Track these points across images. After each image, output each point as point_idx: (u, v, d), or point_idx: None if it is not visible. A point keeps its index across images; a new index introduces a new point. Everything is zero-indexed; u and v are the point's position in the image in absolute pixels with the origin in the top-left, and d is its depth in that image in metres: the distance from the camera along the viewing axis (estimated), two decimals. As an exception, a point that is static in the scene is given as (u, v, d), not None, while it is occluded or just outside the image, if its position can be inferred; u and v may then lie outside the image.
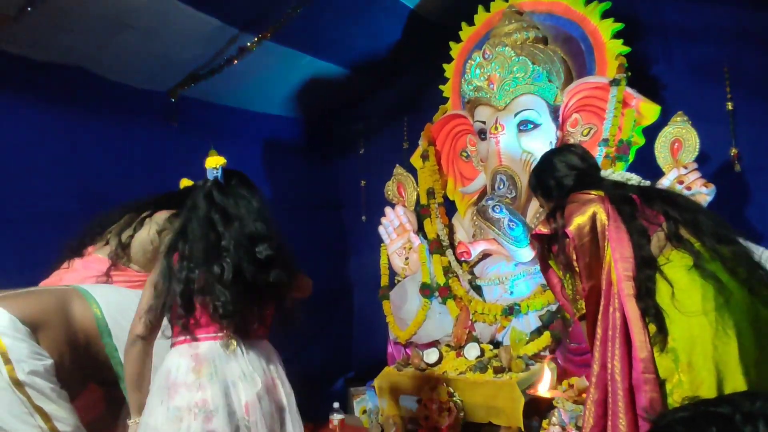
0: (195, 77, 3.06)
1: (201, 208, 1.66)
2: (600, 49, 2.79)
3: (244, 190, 1.71)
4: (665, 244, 1.60)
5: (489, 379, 2.40)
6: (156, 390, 1.57)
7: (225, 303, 1.56)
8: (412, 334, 2.97)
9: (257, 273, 1.60)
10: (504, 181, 2.78)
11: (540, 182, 1.90)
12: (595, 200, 1.65)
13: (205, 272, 1.59)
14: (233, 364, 1.57)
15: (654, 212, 1.64)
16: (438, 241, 3.09)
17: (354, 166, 4.00)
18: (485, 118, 2.88)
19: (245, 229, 1.63)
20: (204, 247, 1.61)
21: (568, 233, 1.61)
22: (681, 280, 1.52)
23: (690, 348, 1.45)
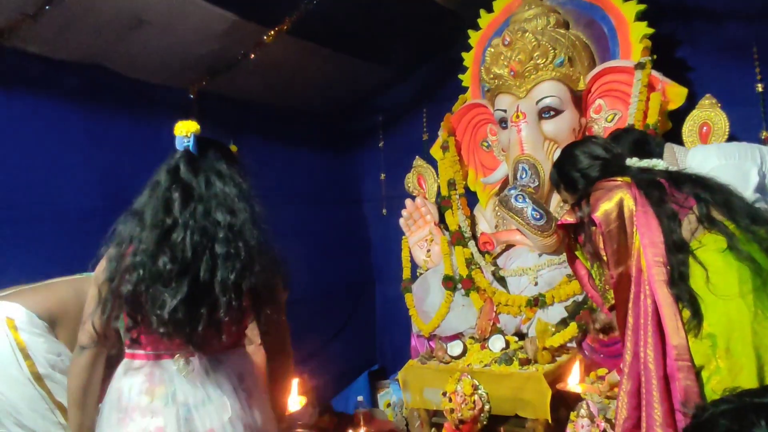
0: (213, 72, 3.06)
1: (161, 185, 1.37)
2: (623, 31, 2.72)
3: (221, 164, 1.40)
4: (697, 228, 1.54)
5: (515, 371, 2.36)
6: (106, 414, 1.36)
7: (161, 315, 1.27)
8: (436, 326, 2.94)
9: (211, 270, 1.30)
10: (526, 170, 2.73)
11: (563, 176, 1.85)
12: (622, 186, 1.61)
13: (151, 269, 1.29)
14: (196, 384, 1.34)
15: (684, 195, 1.59)
16: (460, 232, 3.05)
17: (374, 159, 3.97)
18: (506, 107, 2.83)
19: (208, 216, 1.33)
20: (156, 235, 1.31)
21: (594, 219, 1.56)
22: (715, 263, 1.46)
23: (728, 333, 1.40)
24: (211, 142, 1.46)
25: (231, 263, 1.31)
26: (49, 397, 1.60)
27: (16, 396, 1.55)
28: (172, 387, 1.33)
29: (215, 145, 1.46)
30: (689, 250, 1.50)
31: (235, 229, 1.34)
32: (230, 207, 1.36)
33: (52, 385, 1.59)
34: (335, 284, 3.66)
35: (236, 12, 2.68)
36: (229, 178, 1.40)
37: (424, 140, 3.62)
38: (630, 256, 1.55)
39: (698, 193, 1.58)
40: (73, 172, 2.55)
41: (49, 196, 2.44)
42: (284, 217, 3.47)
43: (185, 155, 1.39)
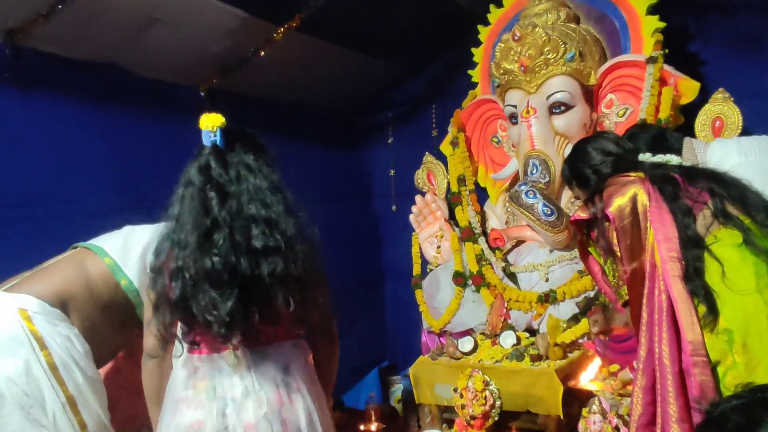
0: (224, 70, 3.08)
1: (195, 185, 1.35)
2: (635, 25, 2.70)
3: (249, 157, 1.39)
4: (712, 222, 1.53)
5: (526, 367, 2.36)
6: (167, 403, 1.42)
7: (218, 317, 1.28)
8: (446, 322, 2.95)
9: (255, 266, 1.30)
10: (537, 165, 2.72)
11: (575, 172, 1.85)
12: (635, 181, 1.59)
13: (197, 272, 1.29)
14: (236, 379, 1.36)
15: (698, 190, 1.57)
16: (470, 228, 3.05)
17: (383, 155, 3.97)
18: (516, 102, 2.82)
19: (243, 211, 1.32)
20: (197, 237, 1.30)
21: (608, 215, 1.55)
22: (731, 258, 1.45)
23: (744, 328, 1.39)
24: (237, 133, 1.44)
25: (273, 257, 1.31)
26: (62, 389, 1.60)
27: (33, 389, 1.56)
28: (213, 381, 1.35)
29: (242, 137, 1.44)
30: (704, 245, 1.49)
31: (271, 222, 1.33)
32: (263, 200, 1.35)
33: (65, 376, 1.60)
34: (345, 280, 3.67)
35: (247, 9, 2.69)
36: (258, 170, 1.38)
37: (434, 136, 3.61)
38: (644, 251, 1.54)
39: (712, 188, 1.56)
40: (88, 170, 2.57)
41: (64, 193, 2.47)
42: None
43: (214, 151, 1.37)
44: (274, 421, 1.35)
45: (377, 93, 3.94)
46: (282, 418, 1.36)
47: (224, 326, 1.29)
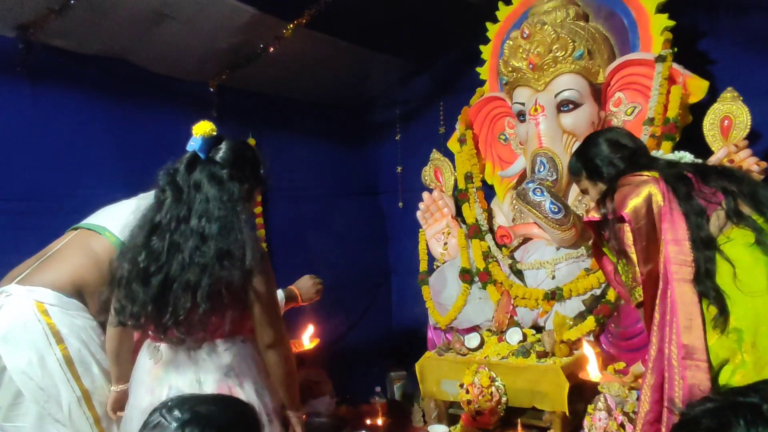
0: (233, 66, 3.09)
1: (159, 185, 1.49)
2: (644, 24, 2.69)
3: (218, 169, 1.47)
4: (726, 223, 1.53)
5: (532, 363, 2.38)
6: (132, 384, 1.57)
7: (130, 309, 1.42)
8: (452, 319, 2.96)
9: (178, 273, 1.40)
10: (544, 163, 2.72)
11: (587, 161, 1.84)
12: (649, 181, 1.59)
13: (133, 263, 1.44)
14: (181, 370, 1.47)
15: (711, 189, 1.57)
16: (477, 225, 3.05)
17: (390, 151, 3.98)
18: (524, 100, 2.82)
19: (186, 220, 1.43)
20: (145, 231, 1.45)
21: (624, 216, 1.55)
22: (743, 258, 1.46)
23: (755, 328, 1.40)
24: (220, 142, 1.51)
25: (194, 268, 1.40)
26: (77, 384, 1.62)
27: (48, 384, 1.57)
28: (164, 370, 1.48)
29: (225, 147, 1.51)
30: (716, 246, 1.49)
31: (204, 235, 1.41)
32: (208, 213, 1.43)
33: (81, 370, 1.62)
34: (352, 276, 3.69)
35: (256, 5, 2.70)
36: (217, 182, 1.45)
37: (441, 133, 3.61)
38: (659, 252, 1.54)
39: (725, 186, 1.56)
40: (97, 165, 2.60)
41: (72, 188, 2.49)
42: (302, 209, 3.54)
43: (189, 158, 1.48)
44: None
45: (385, 89, 3.94)
46: None
47: (132, 317, 1.43)
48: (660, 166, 1.68)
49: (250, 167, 1.56)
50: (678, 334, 1.45)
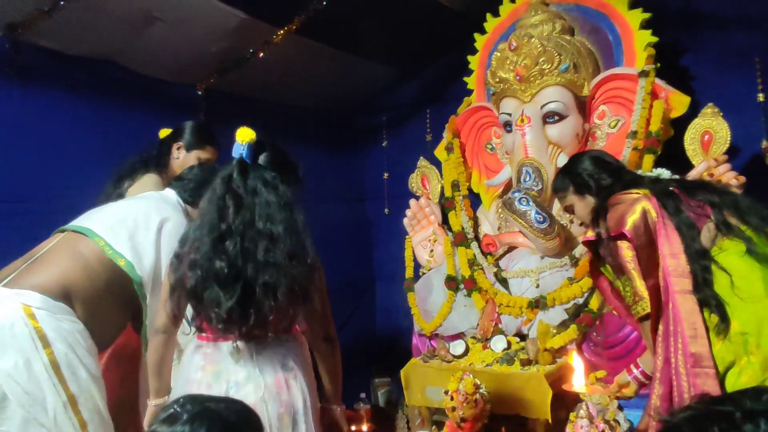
0: (221, 70, 3.09)
1: (216, 193, 1.53)
2: (628, 39, 2.76)
3: (268, 173, 1.56)
4: (716, 234, 1.60)
5: (516, 371, 2.41)
6: (179, 382, 1.60)
7: (218, 314, 1.46)
8: (438, 326, 2.98)
9: (255, 274, 1.47)
10: (530, 173, 2.77)
11: (575, 176, 1.89)
12: (642, 198, 1.65)
13: (208, 269, 1.48)
14: (240, 365, 1.53)
15: (698, 203, 1.64)
16: (463, 233, 3.09)
17: (377, 158, 4.00)
18: (511, 110, 2.87)
19: (253, 224, 1.50)
20: (212, 238, 1.49)
21: (626, 233, 1.58)
22: (739, 267, 1.53)
23: (758, 330, 1.47)
24: (266, 148, 1.61)
25: (270, 269, 1.48)
26: (63, 388, 1.58)
27: (34, 388, 1.55)
28: (219, 367, 1.53)
29: (268, 152, 1.61)
30: (711, 257, 1.56)
31: (274, 238, 1.49)
32: (271, 216, 1.51)
33: (68, 374, 1.59)
34: (337, 282, 3.67)
35: (245, 10, 2.71)
36: (272, 186, 1.54)
37: (428, 141, 3.65)
38: (658, 266, 1.59)
39: (711, 200, 1.63)
40: (84, 166, 2.57)
41: (60, 189, 2.47)
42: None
43: (239, 164, 1.55)
44: (273, 402, 1.51)
45: (373, 96, 3.97)
46: (281, 401, 1.52)
47: (222, 322, 1.48)
48: (646, 182, 1.74)
49: (292, 171, 1.67)
50: (685, 344, 1.51)
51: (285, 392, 1.54)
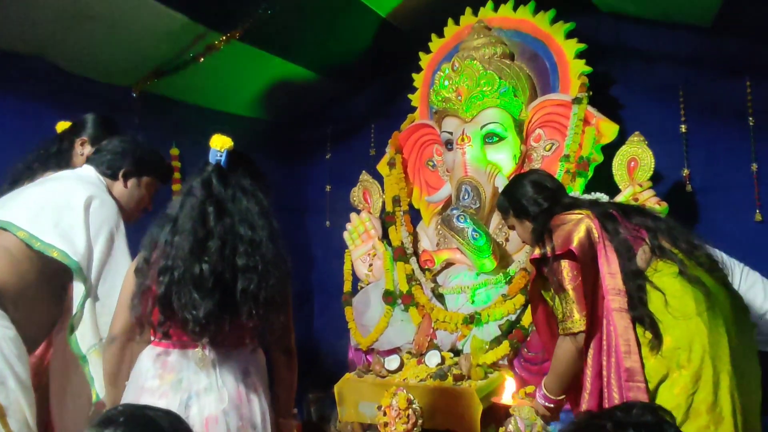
0: (159, 73, 3.00)
1: (197, 197, 1.50)
2: (563, 67, 2.87)
3: (247, 181, 1.55)
4: (651, 257, 1.70)
5: (449, 386, 2.43)
6: (129, 391, 1.53)
7: (196, 316, 1.42)
8: (374, 340, 2.97)
9: (234, 279, 1.46)
10: (469, 191, 2.82)
11: (514, 203, 1.95)
12: (584, 218, 1.72)
13: (184, 273, 1.44)
14: (202, 375, 1.49)
15: (634, 226, 1.74)
16: (402, 248, 3.11)
17: (320, 170, 3.99)
18: (452, 129, 2.92)
19: (234, 229, 1.48)
20: (191, 242, 1.46)
21: (573, 250, 1.64)
22: (672, 286, 1.63)
23: (689, 346, 1.57)
24: (240, 157, 1.58)
25: (250, 275, 1.46)
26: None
27: None
28: (180, 375, 1.48)
29: (243, 161, 1.59)
30: (646, 277, 1.66)
31: (255, 244, 1.48)
32: (252, 222, 1.51)
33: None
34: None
35: (188, 14, 2.65)
36: (252, 194, 1.54)
37: (372, 155, 3.68)
38: (597, 283, 1.67)
39: (646, 224, 1.73)
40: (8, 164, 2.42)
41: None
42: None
43: (217, 170, 1.53)
44: (233, 415, 1.48)
45: (318, 108, 3.96)
46: (240, 414, 1.49)
47: (199, 325, 1.44)
48: (587, 204, 1.82)
49: (264, 180, 1.65)
50: (619, 359, 1.59)
51: (245, 406, 1.51)
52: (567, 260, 1.65)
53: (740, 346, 1.62)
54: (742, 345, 1.64)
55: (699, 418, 1.53)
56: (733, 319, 1.65)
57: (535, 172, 2.09)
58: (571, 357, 1.67)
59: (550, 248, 1.69)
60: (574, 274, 1.64)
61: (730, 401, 1.54)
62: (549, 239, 1.72)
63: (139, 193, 2.03)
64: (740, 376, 1.58)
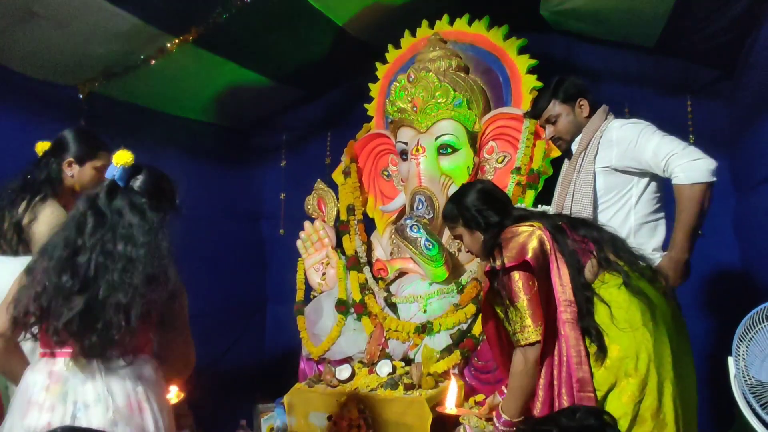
0: (108, 74, 2.91)
1: (78, 209, 1.56)
2: (516, 82, 2.94)
3: (138, 198, 1.57)
4: (598, 269, 1.74)
5: (399, 395, 2.43)
6: (15, 404, 1.50)
7: (56, 325, 1.45)
8: (326, 350, 2.95)
9: (104, 293, 1.47)
10: (423, 201, 2.85)
11: (464, 211, 1.92)
12: (536, 230, 1.74)
13: (54, 282, 1.48)
14: (88, 385, 1.48)
15: (582, 238, 1.77)
16: (356, 257, 3.10)
17: (274, 177, 3.95)
18: (407, 140, 2.95)
19: (113, 244, 1.51)
20: (66, 253, 1.50)
21: (529, 261, 1.65)
22: (618, 299, 1.68)
23: (636, 355, 1.62)
24: (139, 172, 1.61)
25: (124, 289, 1.48)
26: None
27: None
28: (66, 387, 1.47)
29: (144, 177, 1.61)
30: (593, 289, 1.70)
31: (132, 260, 1.51)
32: (132, 238, 1.53)
33: None
34: (226, 303, 3.56)
35: (140, 15, 2.58)
36: (138, 210, 1.56)
37: (327, 164, 3.66)
38: (551, 294, 1.69)
39: (593, 236, 1.78)
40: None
41: None
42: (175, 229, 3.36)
43: (109, 185, 1.57)
44: (124, 426, 1.47)
45: (273, 114, 3.92)
46: (134, 424, 1.49)
47: (56, 333, 1.47)
48: (537, 216, 1.84)
49: (166, 198, 1.67)
50: (571, 370, 1.63)
51: (137, 415, 1.51)
52: (521, 272, 1.67)
53: (680, 353, 1.69)
54: (681, 352, 1.71)
55: (644, 424, 1.58)
56: (674, 327, 1.72)
57: (484, 182, 2.09)
58: (528, 370, 1.66)
59: (501, 261, 1.69)
60: (529, 285, 1.66)
61: (673, 407, 1.60)
62: (500, 252, 1.72)
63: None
64: (681, 381, 1.65)
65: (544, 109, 2.21)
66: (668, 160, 1.95)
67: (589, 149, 2.12)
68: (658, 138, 2.01)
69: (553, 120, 2.19)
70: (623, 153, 2.03)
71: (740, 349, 1.64)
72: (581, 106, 2.15)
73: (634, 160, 2.01)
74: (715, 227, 2.72)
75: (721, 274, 2.77)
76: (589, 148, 2.11)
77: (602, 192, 2.08)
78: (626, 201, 2.06)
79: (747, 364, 1.60)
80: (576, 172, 2.13)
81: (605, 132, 2.10)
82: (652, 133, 2.03)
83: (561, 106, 2.17)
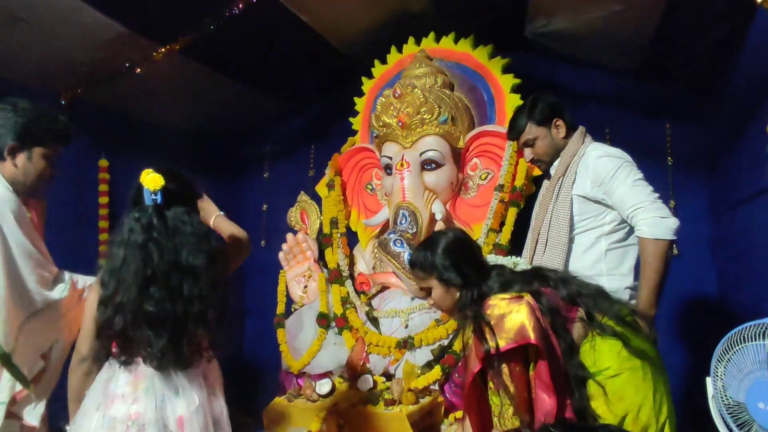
0: (92, 81, 2.88)
1: (138, 240, 1.59)
2: (500, 100, 2.99)
3: (184, 215, 1.64)
4: (586, 331, 1.64)
5: (380, 411, 2.42)
6: (92, 397, 1.61)
7: (152, 352, 1.56)
8: (306, 364, 2.92)
9: (183, 309, 1.57)
10: (406, 216, 2.86)
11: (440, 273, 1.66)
12: (523, 301, 1.55)
13: (136, 313, 1.56)
14: (170, 380, 1.61)
15: (565, 303, 1.65)
16: (338, 271, 3.09)
17: (257, 188, 3.93)
18: (392, 154, 2.96)
19: (177, 262, 1.58)
20: (139, 283, 1.57)
21: (535, 343, 1.48)
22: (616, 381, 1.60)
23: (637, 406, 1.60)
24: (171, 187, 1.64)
25: (197, 301, 1.59)
26: None
27: None
28: (151, 381, 1.59)
29: (174, 188, 1.65)
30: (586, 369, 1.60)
31: (197, 272, 1.60)
32: (193, 251, 1.61)
33: None
34: (204, 314, 3.51)
35: (125, 23, 2.57)
36: (190, 223, 1.64)
37: (311, 176, 3.66)
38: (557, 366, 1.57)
39: (574, 298, 1.66)
40: None
41: None
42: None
43: (156, 210, 1.60)
44: (200, 412, 1.61)
45: (257, 125, 3.91)
46: (205, 413, 1.63)
47: (156, 360, 1.57)
48: (518, 282, 1.66)
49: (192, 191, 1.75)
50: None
51: (208, 406, 1.65)
52: (514, 357, 1.51)
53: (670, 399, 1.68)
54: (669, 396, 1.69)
55: None
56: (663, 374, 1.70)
57: (455, 231, 1.86)
58: None
59: (495, 344, 1.50)
60: (516, 371, 1.51)
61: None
62: (491, 332, 1.52)
63: (35, 166, 1.82)
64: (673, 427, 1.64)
65: (520, 133, 2.21)
66: (635, 211, 1.94)
67: (566, 176, 2.09)
68: (630, 184, 1.96)
69: (530, 143, 2.19)
70: (597, 187, 2.03)
71: (718, 369, 1.64)
72: (557, 127, 2.16)
73: (606, 194, 2.01)
74: (692, 249, 2.78)
75: (699, 295, 2.82)
76: (567, 175, 2.09)
77: (578, 218, 2.08)
78: (599, 227, 2.06)
79: (725, 385, 1.61)
80: (554, 199, 2.13)
81: (583, 158, 2.09)
82: (626, 176, 1.97)
83: (537, 128, 2.16)
